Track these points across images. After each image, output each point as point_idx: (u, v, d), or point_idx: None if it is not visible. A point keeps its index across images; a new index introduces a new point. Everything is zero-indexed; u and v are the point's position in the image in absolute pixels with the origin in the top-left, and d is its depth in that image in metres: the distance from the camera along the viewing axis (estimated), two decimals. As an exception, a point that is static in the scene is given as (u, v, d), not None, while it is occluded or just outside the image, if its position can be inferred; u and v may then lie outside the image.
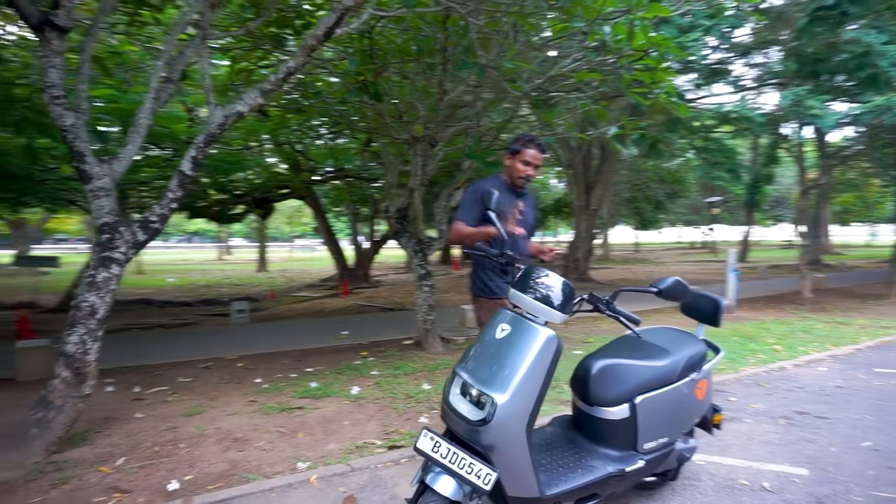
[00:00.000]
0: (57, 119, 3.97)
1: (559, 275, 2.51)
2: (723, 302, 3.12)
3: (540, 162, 3.37)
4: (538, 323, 2.43)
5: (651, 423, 2.79)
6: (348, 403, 4.94)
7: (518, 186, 3.42)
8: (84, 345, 3.73)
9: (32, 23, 3.90)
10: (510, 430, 2.33)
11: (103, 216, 3.96)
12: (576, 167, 15.25)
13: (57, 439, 3.73)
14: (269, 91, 4.26)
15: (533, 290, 2.47)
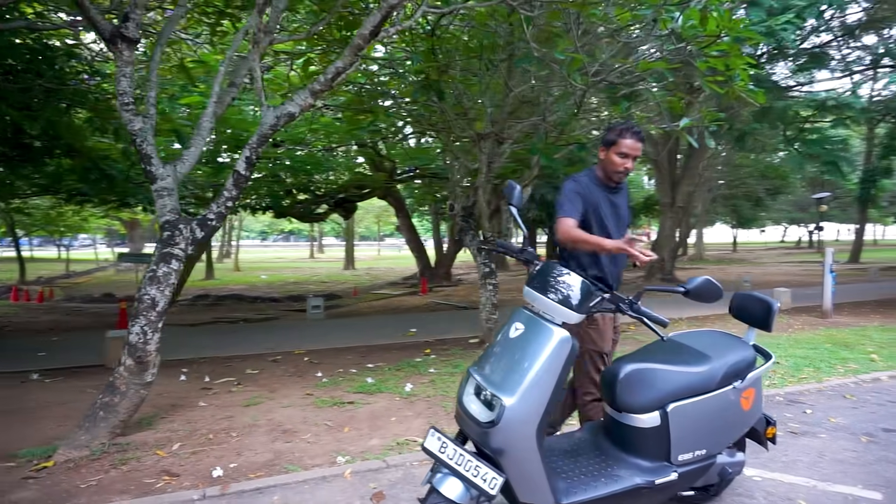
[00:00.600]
0: (127, 124, 4.25)
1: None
2: (775, 304, 2.85)
3: (639, 152, 2.98)
4: (554, 323, 2.31)
5: (686, 433, 2.59)
6: (399, 400, 4.97)
7: (615, 182, 3.05)
8: (145, 335, 3.97)
9: (105, 36, 4.20)
10: (519, 434, 2.23)
11: (165, 214, 4.21)
12: (661, 163, 14.59)
13: (121, 423, 3.99)
14: (320, 92, 4.36)
15: (548, 289, 2.36)
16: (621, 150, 2.94)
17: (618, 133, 2.96)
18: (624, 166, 2.98)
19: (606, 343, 3.09)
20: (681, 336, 2.99)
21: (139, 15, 4.22)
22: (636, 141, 2.95)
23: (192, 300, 16.13)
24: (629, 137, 2.94)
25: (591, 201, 2.98)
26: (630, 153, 2.96)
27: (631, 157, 2.98)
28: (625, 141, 2.93)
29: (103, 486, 3.38)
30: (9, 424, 4.50)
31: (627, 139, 2.93)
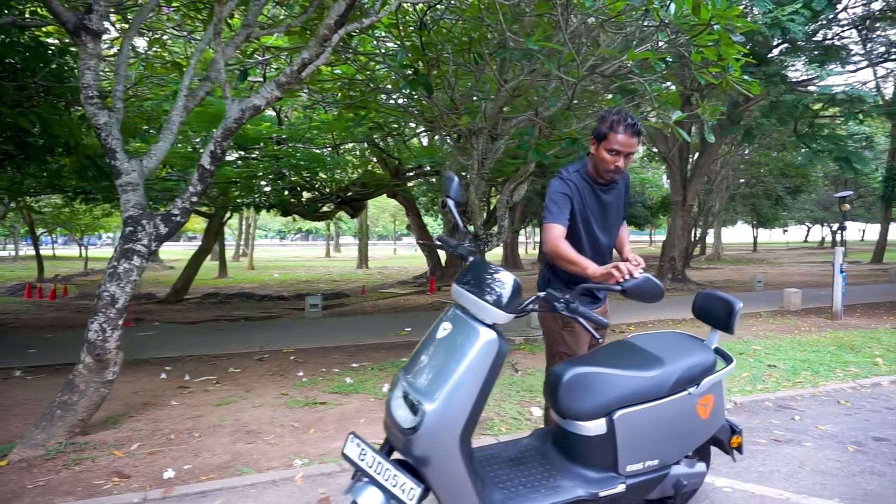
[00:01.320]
0: (91, 118, 4.17)
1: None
2: (737, 305, 2.66)
3: (633, 149, 2.61)
4: (483, 324, 2.16)
5: (635, 442, 2.42)
6: (374, 401, 4.84)
7: (606, 181, 2.73)
8: (104, 332, 3.89)
9: (69, 28, 4.13)
10: (442, 441, 2.08)
11: (129, 209, 4.13)
12: (672, 160, 14.27)
13: (80, 421, 3.92)
14: (286, 84, 4.25)
15: (477, 287, 2.21)
16: (612, 145, 2.58)
17: (609, 126, 2.58)
18: (615, 164, 2.62)
19: (581, 347, 2.86)
20: (638, 338, 2.81)
21: (103, 7, 4.14)
22: (630, 136, 2.57)
23: (201, 298, 16.18)
24: (622, 132, 2.55)
25: (577, 200, 2.73)
26: (622, 150, 2.58)
27: (623, 155, 2.61)
28: (616, 136, 2.56)
29: (51, 487, 3.30)
30: (-22, 421, 4.47)
31: (620, 134, 2.55)
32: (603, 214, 2.82)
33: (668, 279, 14.39)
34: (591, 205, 2.78)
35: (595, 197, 2.78)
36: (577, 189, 2.74)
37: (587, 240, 2.79)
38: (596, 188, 2.77)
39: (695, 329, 7.97)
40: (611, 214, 2.85)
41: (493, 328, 2.16)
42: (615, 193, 2.84)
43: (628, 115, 2.59)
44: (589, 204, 2.77)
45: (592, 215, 2.78)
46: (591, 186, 2.77)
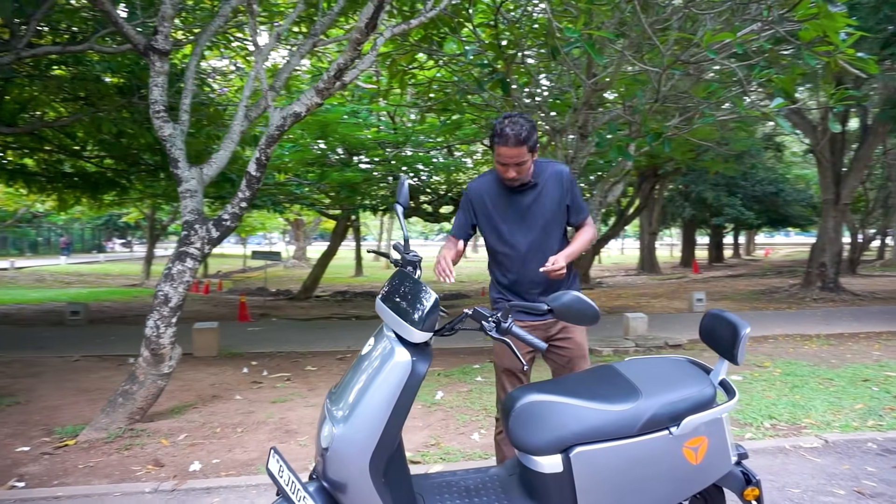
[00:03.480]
0: (157, 130, 4.54)
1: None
2: (744, 329, 2.20)
3: (520, 158, 2.43)
4: (402, 342, 1.99)
5: (597, 486, 2.08)
6: (420, 408, 4.76)
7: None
8: (158, 329, 4.20)
9: (139, 49, 4.53)
10: (351, 466, 1.95)
11: (186, 215, 4.42)
12: (822, 153, 12.56)
13: (138, 409, 4.27)
14: (325, 90, 4.30)
15: (395, 301, 2.04)
16: (497, 158, 2.46)
17: (493, 137, 2.45)
18: (506, 175, 2.48)
19: (511, 361, 2.67)
20: (626, 363, 2.43)
21: (167, 27, 4.48)
22: (511, 147, 2.39)
23: (331, 296, 17.15)
24: (501, 143, 2.41)
25: (481, 205, 2.66)
26: (507, 161, 2.43)
27: (511, 166, 2.45)
28: (499, 149, 2.43)
29: (96, 469, 3.62)
30: (76, 401, 5.05)
31: (500, 147, 2.41)
32: (520, 216, 2.62)
33: (817, 287, 12.69)
34: (502, 208, 2.63)
35: (507, 199, 2.62)
36: (484, 194, 2.65)
37: (500, 244, 2.66)
38: (510, 190, 2.61)
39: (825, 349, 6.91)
40: (529, 215, 2.61)
41: (412, 348, 1.98)
42: (537, 194, 2.61)
43: (510, 124, 2.40)
44: (498, 207, 2.63)
45: (504, 218, 2.63)
46: (503, 188, 2.61)
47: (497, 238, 2.65)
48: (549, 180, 2.61)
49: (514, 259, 2.63)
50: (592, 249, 21.49)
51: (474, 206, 2.67)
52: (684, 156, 13.09)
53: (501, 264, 2.70)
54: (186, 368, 6.23)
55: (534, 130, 2.45)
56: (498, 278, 2.75)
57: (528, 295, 2.65)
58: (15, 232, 35.60)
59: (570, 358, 2.72)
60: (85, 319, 9.59)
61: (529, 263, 2.61)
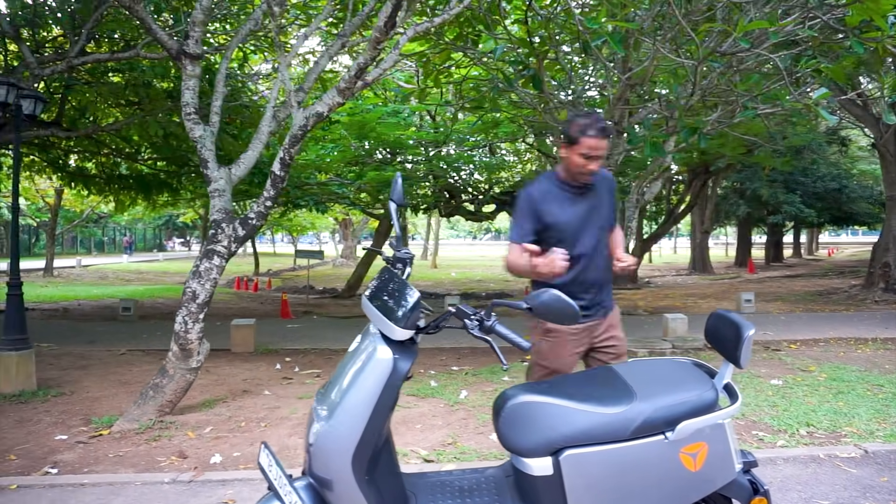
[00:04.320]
0: (189, 132, 4.68)
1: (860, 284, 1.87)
2: (748, 331, 2.08)
3: (603, 152, 2.57)
4: (385, 339, 1.98)
5: (588, 489, 2.02)
6: (443, 407, 4.75)
7: (580, 184, 2.65)
8: (186, 325, 4.34)
9: (172, 53, 4.68)
10: (335, 463, 1.95)
11: (215, 213, 4.54)
12: (885, 148, 11.87)
13: (168, 402, 4.41)
14: (346, 90, 4.33)
15: (379, 299, 2.03)
16: (582, 150, 2.52)
17: (579, 129, 2.53)
18: (588, 168, 2.55)
19: (560, 361, 2.66)
20: (626, 365, 2.35)
21: (198, 32, 4.61)
22: (600, 139, 2.51)
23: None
24: (592, 136, 2.50)
25: (545, 210, 2.64)
26: (593, 154, 2.52)
27: (595, 158, 2.54)
28: (587, 140, 2.50)
29: (125, 458, 3.77)
30: (115, 393, 5.27)
31: (590, 138, 2.50)
32: (581, 220, 2.66)
33: (880, 289, 12.00)
34: (565, 211, 2.65)
35: (570, 202, 2.66)
36: (546, 198, 2.65)
37: (564, 246, 2.53)
38: (571, 194, 2.67)
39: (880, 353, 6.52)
40: (591, 219, 2.68)
41: (395, 346, 1.97)
42: (594, 197, 2.70)
43: (598, 117, 2.56)
44: (562, 211, 2.65)
45: (567, 222, 2.65)
46: (565, 192, 2.67)
47: (560, 241, 2.59)
48: (601, 183, 2.71)
49: (577, 261, 2.60)
50: (641, 248, 20.99)
51: (539, 210, 2.64)
52: (735, 151, 12.61)
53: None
54: (223, 364, 6.42)
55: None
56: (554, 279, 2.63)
57: (584, 295, 2.64)
58: (83, 232, 37.58)
59: (616, 355, 2.73)
60: (136, 315, 10.01)
61: (590, 264, 2.65)
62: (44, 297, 14.10)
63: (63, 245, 36.34)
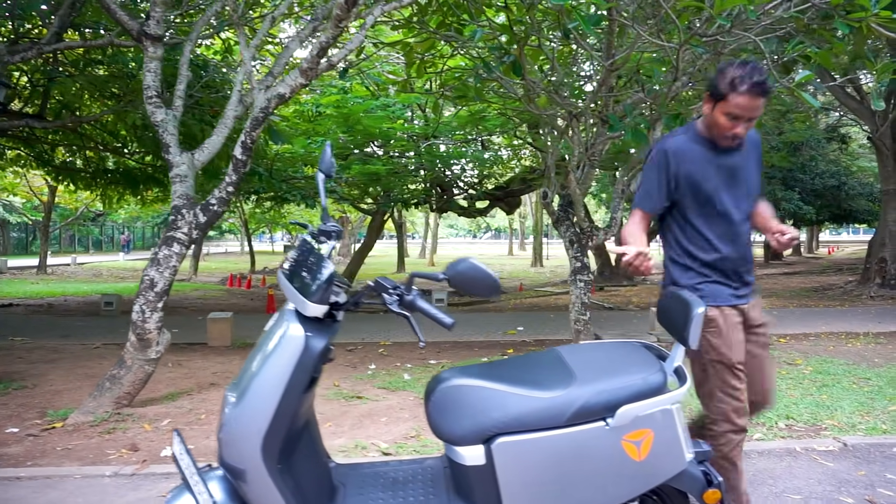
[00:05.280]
0: (150, 116, 4.53)
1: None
2: (696, 309, 1.92)
3: (757, 113, 2.10)
4: (297, 316, 1.83)
5: (524, 480, 1.87)
6: (413, 400, 4.60)
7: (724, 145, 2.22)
8: (143, 314, 4.19)
9: (133, 34, 4.53)
10: (244, 449, 1.80)
11: (175, 199, 4.39)
12: (882, 140, 11.68)
13: (126, 394, 4.26)
14: (309, 70, 4.18)
15: (298, 274, 1.88)
16: (730, 109, 2.08)
17: (728, 83, 2.06)
18: (733, 131, 2.12)
19: (734, 350, 2.23)
20: (574, 347, 2.19)
21: (159, 13, 4.46)
22: (753, 97, 2.04)
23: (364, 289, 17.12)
24: (744, 94, 2.03)
25: (685, 172, 2.22)
26: (742, 115, 2.08)
27: (744, 120, 2.11)
28: (736, 98, 2.05)
29: (73, 451, 3.62)
30: (79, 387, 5.10)
31: (740, 95, 2.04)
32: (731, 181, 2.23)
33: (876, 284, 11.83)
34: (710, 175, 2.22)
35: (714, 164, 2.22)
36: (683, 154, 2.22)
37: (712, 214, 2.23)
38: (715, 153, 2.22)
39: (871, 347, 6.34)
40: (740, 182, 2.25)
41: (309, 323, 1.82)
42: (743, 156, 2.26)
43: (755, 69, 2.04)
44: (708, 170, 2.21)
45: (716, 184, 2.22)
46: (709, 151, 2.22)
47: (708, 207, 2.24)
48: (749, 144, 2.28)
49: (728, 231, 2.25)
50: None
51: (675, 168, 2.22)
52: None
53: (708, 239, 2.25)
54: (196, 358, 6.27)
55: None
56: (699, 255, 2.27)
57: (739, 273, 2.28)
58: (80, 230, 37.51)
59: (765, 344, 2.39)
60: (118, 310, 9.87)
61: (741, 236, 2.28)
62: (31, 293, 13.96)
63: (61, 243, 36.27)
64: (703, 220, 2.25)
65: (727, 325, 2.23)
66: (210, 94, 8.26)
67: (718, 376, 2.24)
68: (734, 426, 2.24)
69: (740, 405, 2.24)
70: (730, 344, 2.22)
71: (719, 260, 2.24)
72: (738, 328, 2.24)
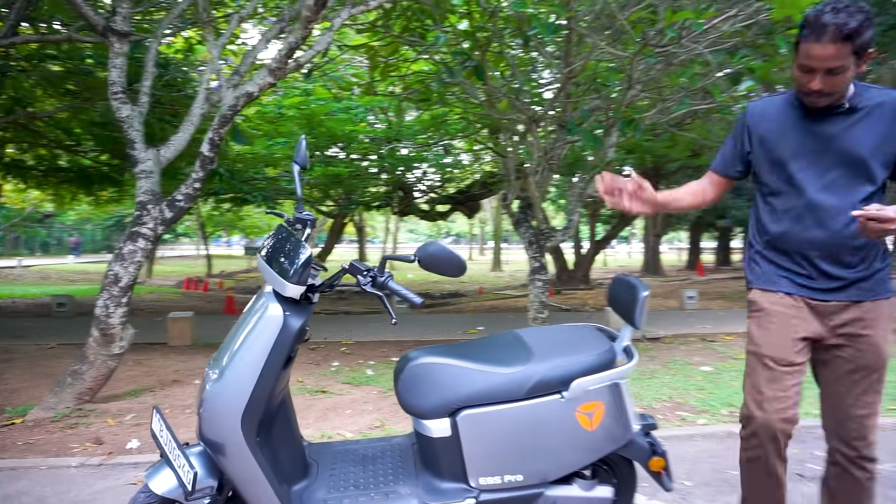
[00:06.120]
0: (115, 111, 4.54)
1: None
2: (643, 292, 2.12)
3: (834, 62, 1.70)
4: (277, 297, 1.95)
5: (487, 450, 2.02)
6: (376, 394, 4.71)
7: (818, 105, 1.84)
8: (108, 309, 4.19)
9: (98, 30, 4.54)
10: (224, 424, 1.90)
11: (140, 195, 4.41)
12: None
13: (88, 390, 4.25)
14: (277, 69, 4.27)
15: (274, 257, 2.00)
16: (800, 59, 1.77)
17: (801, 30, 1.76)
18: (809, 86, 1.77)
19: (777, 342, 1.93)
20: (532, 330, 2.36)
21: (126, 9, 4.48)
22: (826, 43, 1.68)
23: (329, 294, 17.07)
24: (812, 39, 1.70)
25: (764, 128, 1.97)
26: (814, 65, 1.73)
27: (819, 72, 1.73)
28: (804, 45, 1.73)
29: (35, 446, 3.60)
30: (37, 385, 5.03)
31: (807, 43, 1.72)
32: (818, 150, 1.87)
33: None
34: (794, 137, 1.90)
35: (802, 127, 1.89)
36: (770, 117, 1.97)
37: (782, 184, 1.94)
38: (808, 118, 1.88)
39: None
40: (835, 151, 1.85)
41: (287, 304, 1.94)
42: (850, 124, 1.83)
43: (832, 11, 1.68)
44: (788, 136, 1.91)
45: (795, 152, 1.90)
46: (797, 112, 1.90)
47: (778, 174, 1.95)
48: (875, 109, 1.83)
49: (797, 206, 1.90)
50: (593, 250, 21.36)
51: (752, 131, 2.01)
52: (682, 154, 12.95)
53: (775, 210, 1.97)
54: (157, 357, 6.23)
55: (868, 26, 1.70)
56: (765, 228, 2.01)
57: (809, 259, 1.91)
58: (27, 232, 36.09)
59: (858, 365, 1.90)
60: (72, 311, 9.65)
61: (815, 214, 1.87)
62: (-24, 295, 13.47)
63: (5, 245, 34.87)
64: (773, 189, 1.97)
65: (773, 313, 1.95)
66: (171, 93, 8.20)
67: (749, 366, 2.02)
68: (742, 428, 2.02)
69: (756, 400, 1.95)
70: (772, 335, 1.95)
71: (779, 237, 1.95)
72: (789, 322, 1.92)
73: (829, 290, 1.89)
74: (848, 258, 1.87)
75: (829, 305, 1.90)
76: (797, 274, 1.93)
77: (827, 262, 1.88)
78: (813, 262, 1.90)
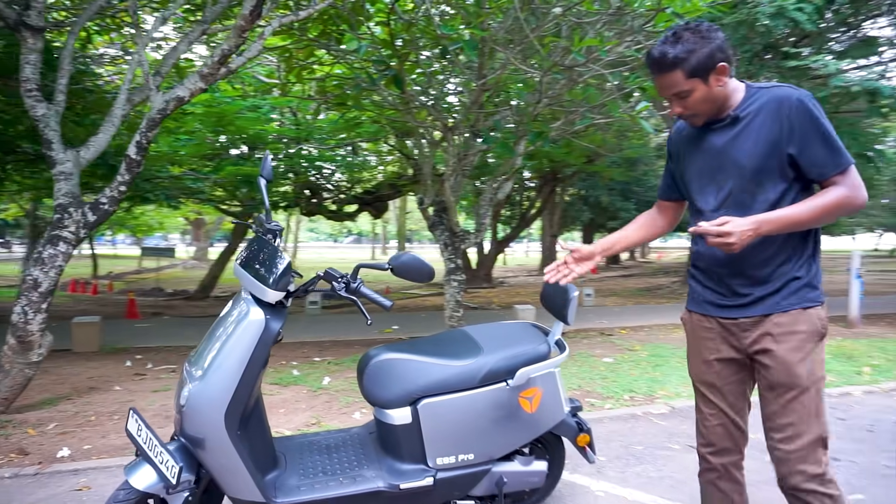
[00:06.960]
0: (29, 110, 4.36)
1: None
2: (573, 292, 2.49)
3: (674, 88, 1.72)
4: (260, 302, 2.12)
5: (443, 433, 2.31)
6: (306, 393, 4.85)
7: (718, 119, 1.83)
8: (26, 315, 4.05)
9: (10, 24, 4.34)
10: (207, 420, 2.05)
11: (60, 198, 4.28)
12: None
13: (3, 400, 4.08)
14: (209, 75, 4.31)
15: (253, 266, 2.17)
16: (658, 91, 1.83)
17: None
18: (674, 111, 1.80)
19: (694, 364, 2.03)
20: (479, 327, 2.69)
21: (41, 3, 4.33)
22: (657, 75, 1.74)
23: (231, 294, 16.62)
24: (651, 72, 1.78)
25: (677, 150, 1.99)
26: (663, 95, 1.80)
27: (672, 98, 1.76)
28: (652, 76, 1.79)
29: (-48, 460, 3.45)
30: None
31: (652, 74, 1.78)
32: (711, 166, 1.84)
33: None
34: (693, 154, 1.89)
35: (698, 143, 1.87)
36: (681, 137, 1.97)
37: (692, 211, 1.95)
38: (707, 130, 1.84)
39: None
40: (725, 165, 1.80)
41: (267, 308, 2.12)
42: (736, 133, 1.78)
43: (662, 41, 1.74)
44: (691, 154, 1.91)
45: (694, 171, 1.90)
46: (698, 132, 1.88)
47: (689, 196, 1.95)
48: (759, 112, 1.75)
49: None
50: (495, 250, 22.20)
51: (672, 152, 2.02)
52: (578, 160, 13.86)
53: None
54: (63, 363, 5.96)
55: (694, 49, 1.68)
56: (693, 246, 1.97)
57: (721, 278, 1.85)
58: None
59: (770, 382, 1.80)
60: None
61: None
62: None
63: None
64: (692, 209, 1.96)
65: (691, 335, 2.01)
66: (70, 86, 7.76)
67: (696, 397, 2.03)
68: (699, 454, 2.05)
69: (702, 430, 2.03)
70: (691, 357, 2.02)
71: (697, 256, 1.93)
72: (703, 342, 1.93)
73: (737, 307, 1.84)
74: (755, 273, 1.79)
75: (739, 323, 1.84)
76: (714, 292, 1.89)
77: (736, 279, 1.82)
78: (723, 280, 1.85)
